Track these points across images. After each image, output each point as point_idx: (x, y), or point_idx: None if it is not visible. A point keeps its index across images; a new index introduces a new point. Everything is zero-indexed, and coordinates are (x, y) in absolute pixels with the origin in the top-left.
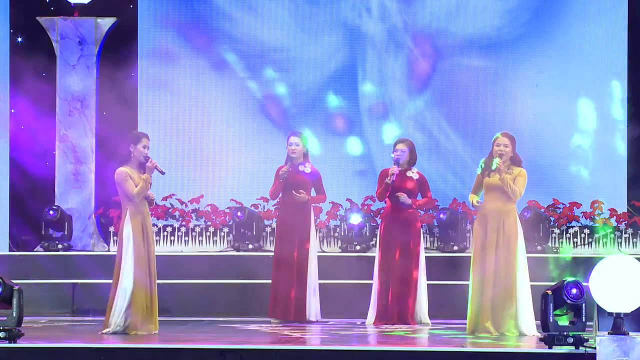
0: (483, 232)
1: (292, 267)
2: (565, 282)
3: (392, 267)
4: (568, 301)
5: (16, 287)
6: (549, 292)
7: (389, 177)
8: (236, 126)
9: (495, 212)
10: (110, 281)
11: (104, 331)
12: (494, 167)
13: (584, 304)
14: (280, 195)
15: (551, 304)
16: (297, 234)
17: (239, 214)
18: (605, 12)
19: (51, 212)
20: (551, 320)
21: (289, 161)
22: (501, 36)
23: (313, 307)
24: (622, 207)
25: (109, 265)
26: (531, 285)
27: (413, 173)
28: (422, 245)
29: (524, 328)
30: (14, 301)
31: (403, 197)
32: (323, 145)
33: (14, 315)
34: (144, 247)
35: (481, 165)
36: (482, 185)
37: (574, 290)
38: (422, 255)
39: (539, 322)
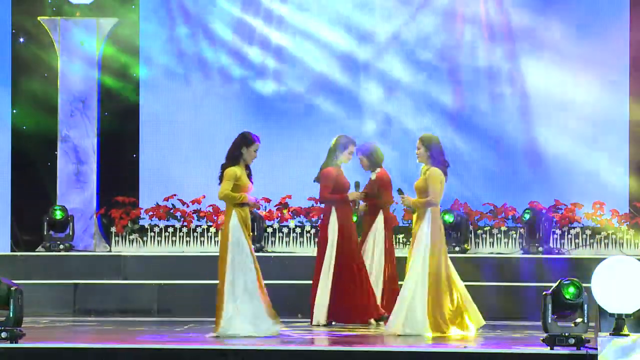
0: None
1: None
2: (562, 282)
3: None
4: (565, 301)
5: (14, 287)
6: (548, 293)
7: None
8: (238, 126)
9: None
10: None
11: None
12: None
13: (584, 305)
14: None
15: (549, 305)
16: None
17: None
18: (607, 13)
19: (58, 212)
20: (549, 321)
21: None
22: (502, 37)
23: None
24: (624, 209)
25: (109, 266)
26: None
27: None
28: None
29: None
30: (12, 301)
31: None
32: (323, 145)
33: (11, 315)
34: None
35: None
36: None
37: (571, 290)
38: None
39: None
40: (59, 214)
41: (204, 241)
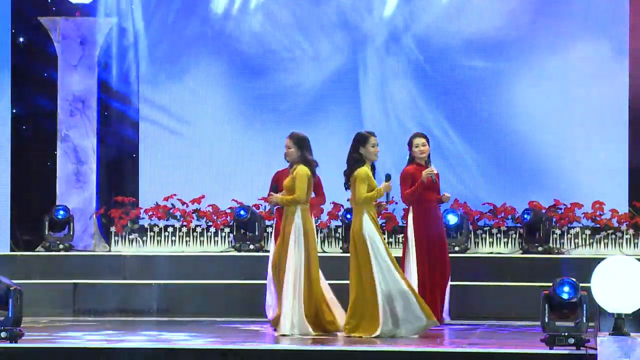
0: None
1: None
2: (558, 281)
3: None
4: (562, 301)
5: (13, 287)
6: (546, 293)
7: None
8: (238, 126)
9: None
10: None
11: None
12: None
13: (583, 304)
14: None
15: (547, 305)
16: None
17: (242, 212)
18: (606, 14)
19: (61, 212)
20: (547, 321)
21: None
22: (502, 36)
23: None
24: (624, 208)
25: (109, 265)
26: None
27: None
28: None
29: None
30: (11, 301)
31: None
32: (323, 145)
33: (11, 315)
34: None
35: None
36: None
37: (566, 289)
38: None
39: None
40: (61, 214)
41: (203, 241)
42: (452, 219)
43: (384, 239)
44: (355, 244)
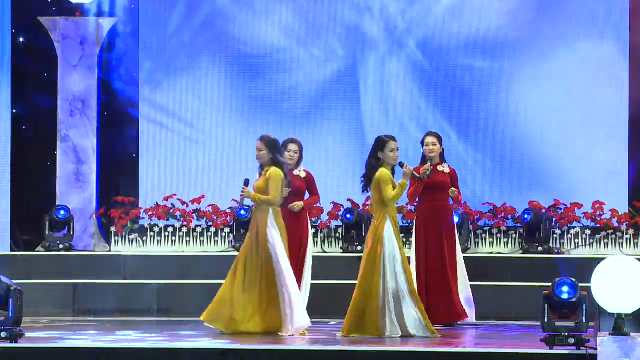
0: None
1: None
2: (557, 281)
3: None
4: (562, 301)
5: (13, 287)
6: (546, 292)
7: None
8: (238, 126)
9: None
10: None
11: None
12: None
13: (583, 304)
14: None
15: (547, 305)
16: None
17: (242, 212)
18: (607, 15)
19: (62, 212)
20: (546, 321)
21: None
22: (502, 36)
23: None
24: (624, 208)
25: (109, 265)
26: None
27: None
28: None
29: None
30: (11, 301)
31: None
32: (324, 145)
33: (11, 315)
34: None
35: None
36: None
37: (565, 289)
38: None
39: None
40: (62, 214)
41: (203, 241)
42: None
43: (402, 242)
44: (372, 244)
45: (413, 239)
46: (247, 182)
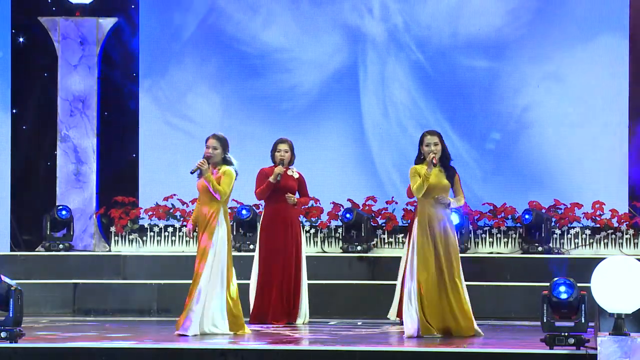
0: None
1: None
2: (553, 282)
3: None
4: (560, 301)
5: (13, 287)
6: (546, 292)
7: (274, 177)
8: (237, 126)
9: None
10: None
11: None
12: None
13: (582, 304)
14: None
15: (546, 305)
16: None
17: (242, 212)
18: (607, 15)
19: (63, 212)
20: (546, 321)
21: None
22: (502, 36)
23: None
24: (624, 208)
25: (109, 265)
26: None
27: (293, 172)
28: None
29: None
30: (11, 301)
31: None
32: (324, 145)
33: (11, 315)
34: None
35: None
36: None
37: (562, 289)
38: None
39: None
40: (63, 214)
41: None
42: (453, 219)
43: (428, 236)
44: (412, 234)
45: (412, 238)
46: (200, 173)
